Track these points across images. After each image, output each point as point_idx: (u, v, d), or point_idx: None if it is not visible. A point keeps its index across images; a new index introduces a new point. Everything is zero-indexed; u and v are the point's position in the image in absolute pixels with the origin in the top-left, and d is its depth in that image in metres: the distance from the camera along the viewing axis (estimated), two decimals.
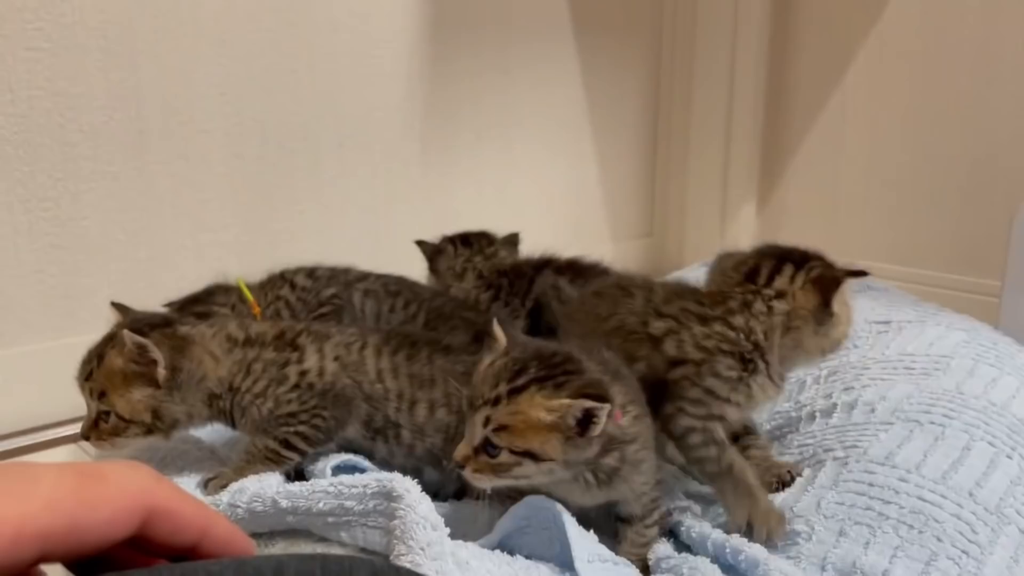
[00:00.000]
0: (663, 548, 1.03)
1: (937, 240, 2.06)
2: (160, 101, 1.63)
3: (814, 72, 2.25)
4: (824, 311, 1.05)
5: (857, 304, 1.48)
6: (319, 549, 0.90)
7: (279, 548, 0.93)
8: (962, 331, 1.34)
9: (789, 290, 1.05)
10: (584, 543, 0.91)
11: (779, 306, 1.05)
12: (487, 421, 0.88)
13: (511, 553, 0.92)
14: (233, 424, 1.10)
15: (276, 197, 1.80)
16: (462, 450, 0.90)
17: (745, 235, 2.39)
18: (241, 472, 1.05)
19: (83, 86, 1.53)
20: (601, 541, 0.95)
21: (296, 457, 1.08)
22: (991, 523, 0.99)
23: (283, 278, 1.42)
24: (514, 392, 0.88)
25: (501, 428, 0.87)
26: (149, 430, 1.03)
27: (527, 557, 0.93)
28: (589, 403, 0.86)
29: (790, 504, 1.04)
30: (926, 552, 0.95)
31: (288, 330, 1.11)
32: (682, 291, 1.11)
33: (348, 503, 0.89)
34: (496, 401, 0.88)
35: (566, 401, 0.86)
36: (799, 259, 1.08)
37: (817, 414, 1.23)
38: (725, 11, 2.28)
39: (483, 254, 1.65)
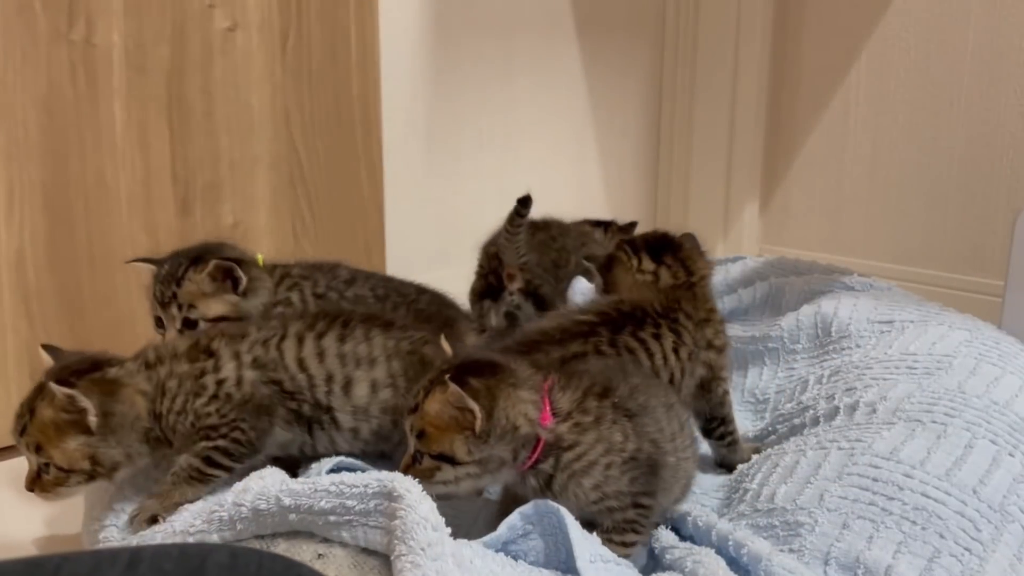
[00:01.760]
0: (667, 537, 1.03)
1: (940, 240, 2.06)
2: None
3: (817, 73, 2.25)
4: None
5: (860, 304, 1.49)
6: (321, 549, 0.90)
7: (280, 549, 0.93)
8: (964, 330, 1.34)
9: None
10: (586, 544, 0.92)
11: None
12: (412, 428, 0.94)
13: (515, 558, 0.93)
14: (171, 445, 1.07)
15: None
16: (404, 458, 0.96)
17: (748, 235, 2.39)
18: (167, 498, 1.02)
19: None
20: None
21: (220, 474, 1.05)
22: (994, 521, 0.99)
23: (292, 277, 1.38)
24: (426, 396, 0.93)
25: (421, 434, 0.93)
26: (91, 476, 1.00)
27: (531, 563, 0.93)
28: (456, 388, 0.89)
29: (793, 496, 1.05)
30: (929, 548, 0.95)
31: (202, 337, 1.09)
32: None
33: (349, 502, 0.89)
34: (416, 408, 0.93)
35: (451, 389, 0.89)
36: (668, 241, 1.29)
37: (820, 418, 1.23)
38: (728, 11, 2.28)
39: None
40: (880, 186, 2.16)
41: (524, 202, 1.50)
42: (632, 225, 1.80)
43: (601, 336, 1.14)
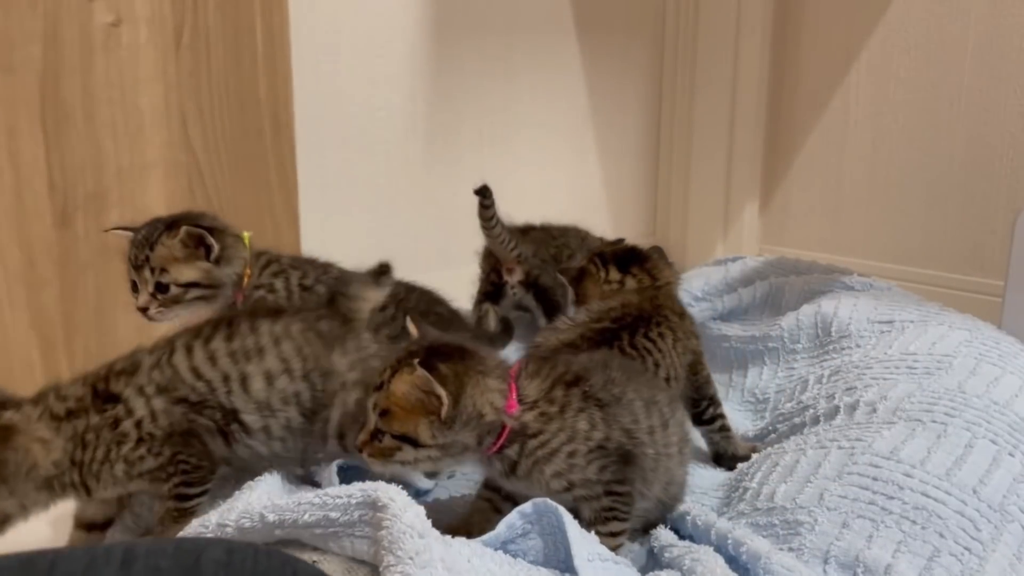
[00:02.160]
0: (666, 536, 1.03)
1: (939, 240, 2.06)
2: None
3: (816, 73, 2.25)
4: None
5: (860, 303, 1.49)
6: (314, 558, 0.89)
7: None
8: (964, 330, 1.34)
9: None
10: (584, 543, 0.92)
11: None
12: (375, 406, 0.94)
13: (514, 557, 0.92)
14: (88, 493, 1.04)
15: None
16: (362, 435, 0.96)
17: (747, 235, 2.39)
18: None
19: None
20: None
21: (197, 501, 1.07)
22: (994, 520, 0.99)
23: (280, 264, 1.39)
24: (392, 375, 0.93)
25: (384, 413, 0.94)
26: None
27: (531, 563, 0.93)
28: (424, 373, 0.89)
29: (793, 495, 1.05)
30: (929, 548, 0.95)
31: (98, 382, 1.05)
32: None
33: (333, 514, 0.88)
34: (381, 386, 0.94)
35: (419, 373, 0.90)
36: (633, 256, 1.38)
37: (821, 417, 1.23)
38: (728, 11, 2.28)
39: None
40: (880, 186, 2.16)
41: (482, 192, 1.51)
42: (619, 242, 1.80)
43: (623, 340, 1.20)
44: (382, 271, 1.23)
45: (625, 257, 1.37)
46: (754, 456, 1.23)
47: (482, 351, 0.99)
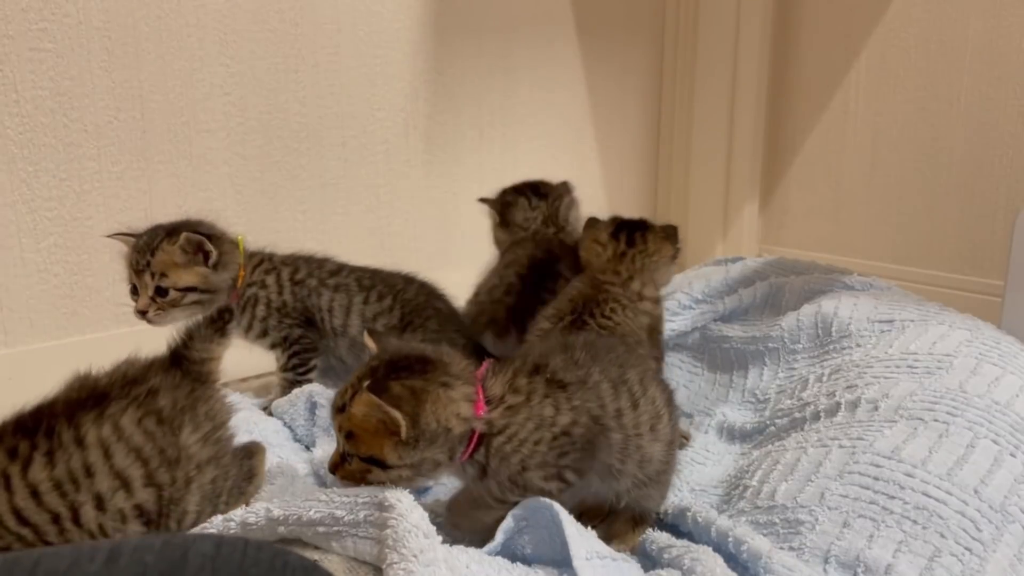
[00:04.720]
0: (663, 538, 1.03)
1: (939, 240, 2.06)
2: (164, 101, 1.63)
3: (816, 73, 2.25)
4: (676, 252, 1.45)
5: (860, 303, 1.49)
6: (315, 557, 0.89)
7: None
8: (965, 330, 1.34)
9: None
10: (582, 541, 0.91)
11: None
12: (340, 428, 0.92)
13: (512, 559, 0.92)
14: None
15: (279, 196, 1.81)
16: (332, 457, 0.95)
17: (747, 235, 2.39)
18: None
19: (87, 86, 1.54)
20: None
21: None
22: (995, 521, 0.99)
23: (271, 262, 1.44)
24: (353, 396, 0.90)
25: (350, 435, 0.91)
26: None
27: (526, 560, 0.93)
28: (373, 397, 0.86)
29: (794, 493, 1.04)
30: (930, 548, 0.95)
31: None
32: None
33: (338, 512, 0.89)
34: (343, 408, 0.91)
35: (372, 398, 0.86)
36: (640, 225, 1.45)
37: (821, 413, 1.23)
38: (727, 11, 2.28)
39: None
40: (880, 186, 2.16)
41: None
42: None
43: (591, 328, 1.29)
44: (223, 317, 1.08)
45: (629, 224, 1.45)
46: (754, 453, 1.23)
47: (447, 357, 0.94)
